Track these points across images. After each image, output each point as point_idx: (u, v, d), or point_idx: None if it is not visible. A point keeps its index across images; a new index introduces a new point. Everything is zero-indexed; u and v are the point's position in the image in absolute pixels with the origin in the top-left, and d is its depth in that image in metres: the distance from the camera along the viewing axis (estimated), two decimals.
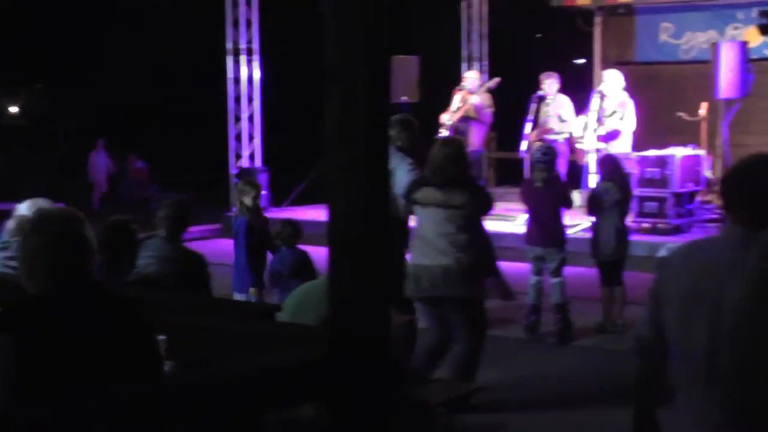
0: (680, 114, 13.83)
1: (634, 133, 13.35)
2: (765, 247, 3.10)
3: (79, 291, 3.22)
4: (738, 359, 3.12)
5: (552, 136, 13.29)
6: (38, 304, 3.20)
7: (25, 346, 3.08)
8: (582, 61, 19.11)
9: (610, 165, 9.54)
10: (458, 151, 7.11)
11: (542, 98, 13.56)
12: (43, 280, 3.19)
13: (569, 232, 12.03)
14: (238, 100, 16.63)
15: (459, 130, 13.96)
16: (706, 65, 13.45)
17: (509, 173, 16.99)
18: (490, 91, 14.18)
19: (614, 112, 12.98)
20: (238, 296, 8.22)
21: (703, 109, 13.37)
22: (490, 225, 8.02)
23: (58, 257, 3.19)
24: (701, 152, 12.94)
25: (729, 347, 3.12)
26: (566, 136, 13.54)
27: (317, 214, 12.83)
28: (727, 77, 12.64)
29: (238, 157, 16.73)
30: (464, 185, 7.00)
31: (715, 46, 13.11)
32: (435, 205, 6.93)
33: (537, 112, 13.56)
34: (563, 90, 13.78)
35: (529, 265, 9.37)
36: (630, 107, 13.07)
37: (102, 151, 22.57)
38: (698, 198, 12.78)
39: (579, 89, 15.86)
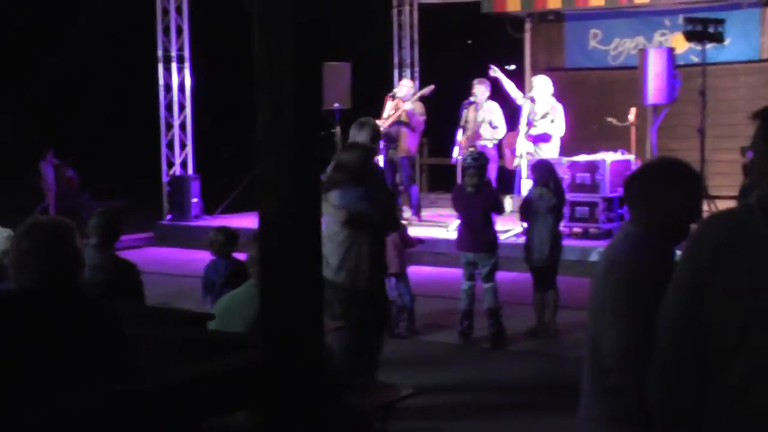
0: (610, 119, 13.99)
1: (564, 138, 13.50)
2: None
3: (58, 292, 3.33)
4: None
5: (482, 142, 13.39)
6: (15, 298, 3.34)
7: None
8: (513, 67, 19.24)
9: (543, 170, 9.56)
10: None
11: (472, 104, 13.64)
12: (29, 281, 3.33)
13: (501, 237, 12.15)
14: (169, 107, 16.51)
15: (391, 136, 14.00)
16: (635, 71, 13.62)
17: (442, 179, 17.09)
18: (423, 98, 14.25)
19: (546, 114, 13.11)
20: None
21: (632, 115, 13.53)
22: (424, 231, 8.05)
23: (44, 261, 3.33)
24: (630, 157, 13.10)
25: None
26: (495, 141, 13.66)
27: (250, 221, 12.76)
28: (654, 83, 12.80)
29: (170, 164, 16.61)
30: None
31: (642, 53, 13.26)
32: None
33: (468, 118, 13.64)
34: (494, 96, 13.88)
35: (461, 270, 9.41)
36: (560, 112, 13.22)
37: (51, 161, 22.19)
38: None
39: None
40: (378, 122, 14.04)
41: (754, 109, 2.96)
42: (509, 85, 13.67)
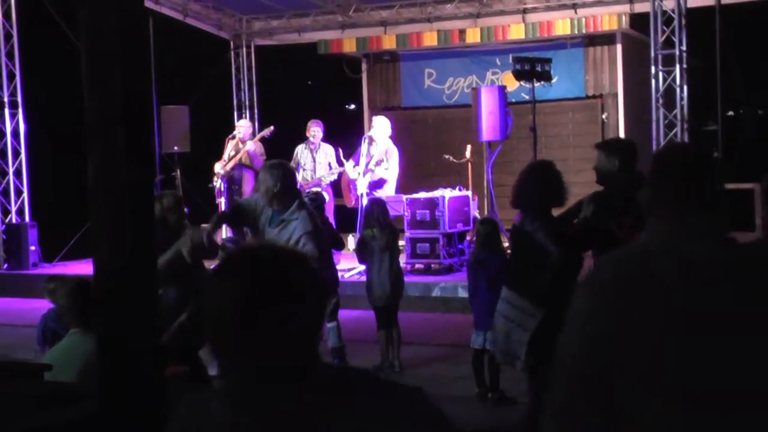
0: (447, 156, 14.28)
1: (402, 176, 13.73)
2: None
3: None
4: None
5: (323, 183, 13.50)
6: None
7: None
8: (352, 107, 19.47)
9: (371, 211, 9.55)
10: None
11: (307, 146, 13.76)
12: None
13: (345, 275, 12.23)
14: (3, 154, 16.10)
15: (233, 178, 13.97)
16: (469, 109, 13.95)
17: None
18: (264, 139, 14.28)
19: (380, 161, 13.28)
20: None
21: (468, 152, 13.83)
22: None
23: None
24: (468, 193, 13.38)
25: None
26: (330, 180, 13.73)
27: (89, 268, 12.51)
28: (488, 120, 13.11)
29: (6, 212, 16.17)
30: None
31: (475, 91, 13.58)
32: None
33: (304, 158, 13.75)
34: (336, 135, 14.02)
35: None
36: (394, 155, 13.39)
37: None
38: (468, 237, 13.18)
39: (351, 133, 16.21)
40: (219, 164, 14.07)
41: (583, 144, 3.05)
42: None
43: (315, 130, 13.71)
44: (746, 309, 2.53)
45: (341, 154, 13.83)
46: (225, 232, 13.47)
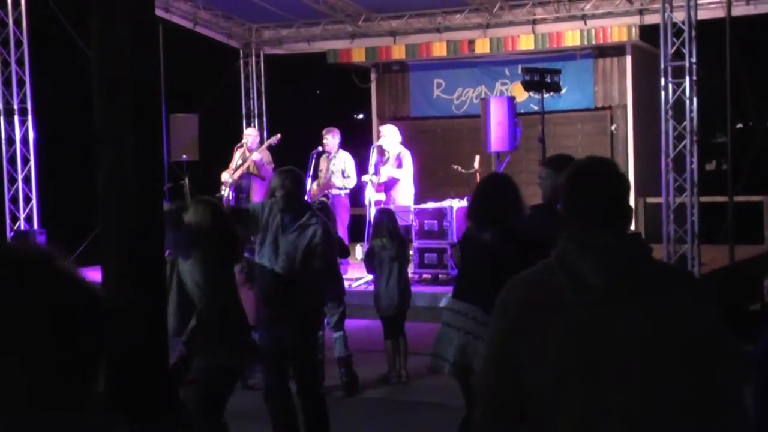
0: (455, 167, 14.27)
1: (416, 183, 13.72)
2: None
3: None
4: None
5: (334, 191, 13.49)
6: None
7: None
8: (360, 116, 19.49)
9: (380, 220, 9.60)
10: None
11: (321, 153, 13.73)
12: None
13: (353, 285, 12.23)
14: (12, 161, 16.13)
15: (241, 187, 13.98)
16: (478, 119, 13.94)
17: None
18: (271, 147, 14.28)
19: (386, 160, 13.30)
20: None
21: (476, 162, 13.81)
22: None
23: None
24: None
25: None
26: (347, 190, 13.77)
27: (97, 275, 12.52)
28: (496, 131, 13.09)
29: (15, 219, 16.20)
30: None
31: (484, 102, 13.56)
32: None
33: (317, 167, 13.73)
34: (346, 145, 14.02)
35: None
36: (407, 157, 13.42)
37: None
38: None
39: (360, 144, 16.20)
40: (226, 173, 14.07)
41: (592, 154, 3.05)
42: None
43: (327, 138, 13.68)
44: (636, 324, 2.63)
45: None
46: None
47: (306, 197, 7.45)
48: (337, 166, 13.65)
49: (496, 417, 2.76)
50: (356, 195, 14.08)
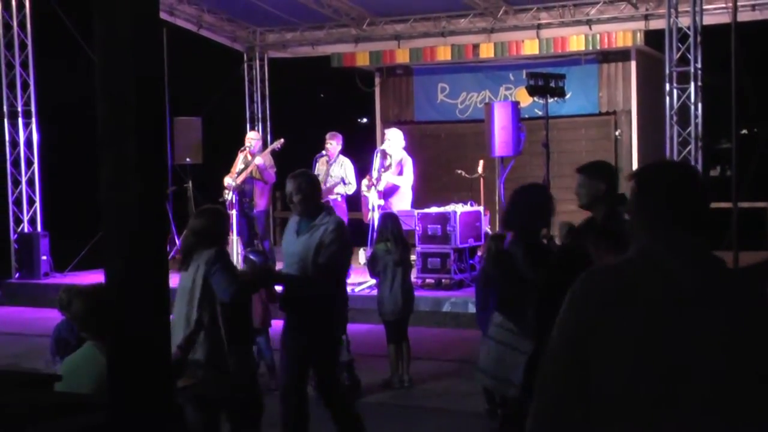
0: (459, 171, 14.25)
1: (414, 189, 13.67)
2: None
3: None
4: None
5: (332, 196, 13.45)
6: None
7: None
8: (364, 120, 19.49)
9: (384, 225, 9.58)
10: None
11: (322, 157, 13.70)
12: None
13: (356, 289, 12.22)
14: (16, 163, 16.14)
15: (245, 191, 13.96)
16: (482, 124, 13.91)
17: None
18: (274, 152, 14.27)
19: (389, 166, 13.28)
20: None
21: (480, 167, 13.80)
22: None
23: None
24: (480, 208, 13.35)
25: None
26: (345, 194, 13.67)
27: (101, 278, 12.48)
28: (500, 136, 13.07)
29: (18, 221, 16.20)
30: None
31: (488, 106, 13.54)
32: None
33: (319, 171, 13.70)
34: (348, 149, 13.98)
35: None
36: (408, 164, 13.38)
37: None
38: (479, 252, 13.14)
39: (364, 147, 16.19)
40: (229, 177, 14.04)
41: (595, 159, 3.07)
42: None
43: (330, 143, 13.64)
44: (720, 327, 2.66)
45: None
46: (236, 246, 13.46)
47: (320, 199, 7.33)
48: (337, 171, 13.62)
49: (558, 417, 2.73)
50: (354, 200, 14.04)
